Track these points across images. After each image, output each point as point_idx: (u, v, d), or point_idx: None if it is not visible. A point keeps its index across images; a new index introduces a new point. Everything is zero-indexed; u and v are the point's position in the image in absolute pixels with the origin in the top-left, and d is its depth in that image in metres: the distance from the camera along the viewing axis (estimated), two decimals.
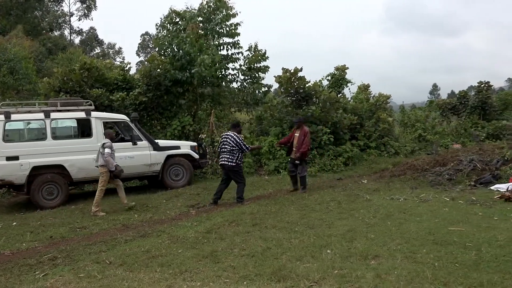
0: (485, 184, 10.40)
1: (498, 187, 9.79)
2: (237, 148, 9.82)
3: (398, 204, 8.83)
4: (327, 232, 6.78)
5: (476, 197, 8.97)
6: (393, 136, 20.49)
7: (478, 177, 10.93)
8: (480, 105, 24.69)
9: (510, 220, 7.01)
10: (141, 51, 75.32)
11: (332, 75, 22.59)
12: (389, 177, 12.63)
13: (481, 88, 25.60)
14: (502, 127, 20.68)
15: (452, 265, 5.01)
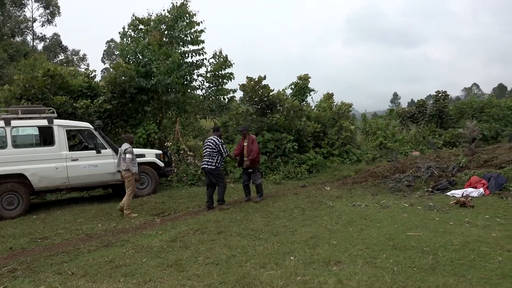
0: (441, 190, 10.68)
1: (453, 193, 10.08)
2: (216, 151, 10.01)
3: (359, 210, 8.98)
4: (291, 239, 6.84)
5: (433, 203, 9.21)
6: (355, 143, 20.86)
7: (435, 183, 11.23)
8: (438, 114, 25.40)
9: (464, 225, 7.24)
10: (106, 58, 74.20)
11: (295, 84, 22.83)
12: (351, 184, 12.83)
13: (438, 97, 26.35)
14: (458, 135, 21.30)
15: (410, 269, 5.14)
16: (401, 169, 13.01)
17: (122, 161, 9.82)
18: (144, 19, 17.66)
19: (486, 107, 26.05)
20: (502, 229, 6.85)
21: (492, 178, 10.30)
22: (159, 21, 17.42)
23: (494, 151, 13.13)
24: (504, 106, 26.07)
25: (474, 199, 9.36)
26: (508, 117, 25.29)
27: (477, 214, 8.01)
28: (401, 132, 25.34)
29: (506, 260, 5.22)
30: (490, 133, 23.31)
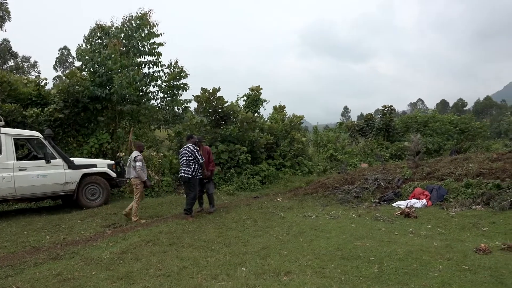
0: (387, 201, 11.01)
1: (399, 204, 10.41)
2: (192, 158, 10.00)
3: (310, 221, 9.11)
4: (243, 249, 6.85)
5: (380, 214, 9.47)
6: (306, 155, 21.17)
7: (382, 194, 11.56)
8: (385, 127, 26.22)
9: (408, 235, 7.48)
10: (59, 66, 72.23)
11: (248, 96, 22.99)
12: (303, 195, 13.00)
13: (385, 112, 27.22)
14: (403, 148, 22.04)
15: (357, 278, 5.25)
16: (350, 181, 13.31)
17: (132, 169, 9.92)
18: (105, 27, 17.31)
19: (430, 121, 27.11)
20: (442, 239, 7.13)
21: (434, 190, 10.71)
22: (120, 30, 17.12)
23: (436, 164, 13.65)
24: (446, 121, 27.20)
25: (418, 210, 9.71)
26: (449, 131, 26.39)
27: (420, 224, 8.31)
28: (351, 145, 25.93)
29: (445, 268, 5.43)
30: (433, 147, 24.24)
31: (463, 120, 28.05)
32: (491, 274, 5.14)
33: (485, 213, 8.80)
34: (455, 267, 5.45)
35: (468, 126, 27.19)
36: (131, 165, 9.96)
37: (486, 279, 4.99)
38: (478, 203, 9.54)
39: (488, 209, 9.10)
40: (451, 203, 9.99)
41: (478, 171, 11.30)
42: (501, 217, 8.37)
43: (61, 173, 11.27)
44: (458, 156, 14.95)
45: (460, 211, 9.26)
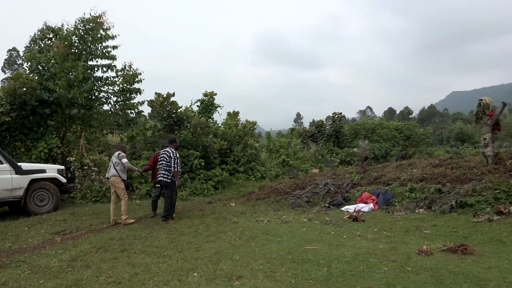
0: (337, 206, 11.22)
1: (347, 208, 10.64)
2: (170, 164, 9.88)
3: (262, 225, 9.15)
4: (195, 255, 6.79)
5: (329, 218, 9.63)
6: (259, 161, 21.29)
7: (332, 199, 11.77)
8: (335, 134, 26.78)
9: (356, 238, 7.66)
10: (7, 67, 69.36)
11: (202, 101, 22.90)
12: (255, 200, 13.05)
13: (335, 119, 27.80)
14: (352, 154, 22.58)
15: (306, 281, 5.31)
16: (301, 186, 13.48)
17: (112, 168, 9.96)
18: (55, 28, 16.76)
19: (377, 128, 27.90)
20: (388, 241, 7.34)
21: (381, 194, 11.02)
22: (72, 32, 16.63)
23: (383, 169, 14.05)
24: (392, 128, 28.07)
25: (365, 213, 9.96)
26: (395, 138, 27.25)
27: (367, 228, 8.52)
28: (302, 151, 26.29)
29: (390, 270, 5.58)
30: (380, 152, 24.95)
31: (408, 127, 29.04)
32: (432, 275, 5.33)
33: (428, 216, 9.13)
34: (399, 269, 5.62)
35: (413, 133, 28.17)
36: (112, 164, 9.98)
37: (427, 280, 5.17)
38: (421, 207, 9.88)
39: (430, 213, 9.45)
40: (396, 207, 10.30)
41: (422, 176, 11.71)
42: (442, 220, 8.71)
43: (8, 179, 10.82)
44: (403, 162, 15.43)
45: (405, 214, 9.56)
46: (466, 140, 38.25)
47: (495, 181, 9.85)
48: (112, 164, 10.00)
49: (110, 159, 16.09)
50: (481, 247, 6.83)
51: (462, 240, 7.18)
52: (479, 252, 6.46)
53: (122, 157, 9.98)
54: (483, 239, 7.25)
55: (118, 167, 9.91)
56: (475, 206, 9.18)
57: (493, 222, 8.08)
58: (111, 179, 10.00)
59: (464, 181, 10.61)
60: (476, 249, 6.58)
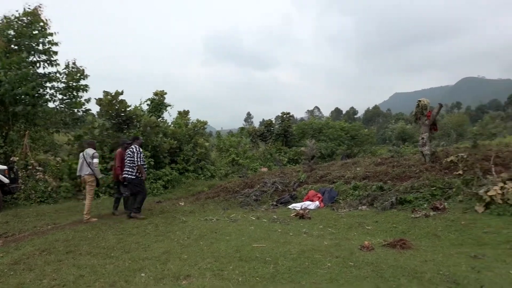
0: (284, 204, 11.38)
1: (294, 206, 10.81)
2: (134, 159, 9.93)
3: (211, 224, 9.13)
4: (143, 255, 6.68)
5: (277, 216, 9.76)
6: (209, 160, 21.22)
7: (279, 197, 11.93)
8: (283, 133, 27.06)
9: (302, 235, 7.80)
10: None
11: (152, 100, 22.53)
12: (205, 199, 13.01)
13: (284, 118, 28.09)
14: (300, 153, 22.91)
15: (253, 279, 5.36)
16: (250, 185, 13.57)
17: (85, 166, 9.93)
18: None
19: (324, 128, 28.43)
20: (332, 238, 7.53)
21: (326, 192, 11.27)
22: (7, 26, 15.85)
23: (328, 167, 14.38)
24: (338, 128, 28.69)
25: (311, 211, 10.16)
26: (341, 137, 27.88)
27: (313, 225, 8.70)
28: (252, 150, 26.41)
29: (334, 265, 5.73)
30: (326, 152, 25.44)
31: (353, 127, 29.81)
32: (373, 269, 5.51)
33: (370, 213, 9.44)
34: (342, 264, 5.77)
35: (357, 133, 28.94)
36: (85, 162, 9.91)
37: (368, 274, 5.35)
38: (364, 204, 10.20)
39: (372, 209, 9.78)
40: (340, 204, 10.59)
41: (365, 174, 12.08)
42: (383, 216, 9.03)
43: None
44: (348, 161, 15.86)
45: (348, 211, 9.84)
46: (407, 140, 39.70)
47: (431, 179, 10.31)
48: (85, 161, 9.96)
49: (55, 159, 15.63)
50: (418, 241, 7.16)
51: (401, 235, 7.49)
52: (416, 246, 6.76)
53: (95, 157, 10.02)
54: (420, 234, 7.60)
55: (92, 166, 9.98)
56: (413, 203, 9.58)
57: (429, 217, 8.46)
58: (84, 177, 10.00)
59: (404, 179, 11.04)
60: (413, 243, 6.88)
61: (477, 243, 6.82)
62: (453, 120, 68.02)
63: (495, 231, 7.26)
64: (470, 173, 10.14)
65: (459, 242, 6.98)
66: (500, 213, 8.12)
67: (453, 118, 71.78)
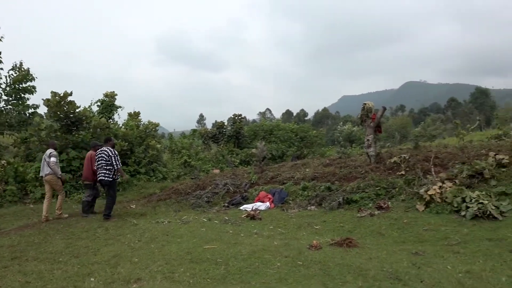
0: (236, 205, 11.40)
1: (245, 207, 10.86)
2: (110, 162, 9.95)
3: (162, 227, 9.03)
4: (92, 259, 6.52)
5: (228, 217, 9.78)
6: (161, 162, 20.92)
7: (231, 198, 11.94)
8: (235, 135, 27.06)
9: (253, 236, 7.86)
10: None
11: (102, 101, 21.95)
12: (156, 201, 12.83)
13: (236, 120, 28.11)
14: (251, 154, 22.99)
15: (204, 280, 5.35)
16: (202, 186, 13.50)
17: (46, 166, 10.11)
18: None
19: (275, 130, 28.66)
20: (282, 238, 7.63)
21: (276, 193, 11.39)
22: None
23: (279, 169, 14.53)
24: (288, 130, 29.00)
25: (262, 212, 10.24)
26: (291, 139, 28.19)
27: (264, 226, 8.78)
28: (204, 151, 26.27)
29: (283, 265, 5.81)
30: (277, 153, 25.67)
31: (303, 129, 30.22)
32: (320, 268, 5.63)
33: (318, 213, 9.64)
34: (291, 263, 5.87)
35: (307, 135, 29.36)
36: (45, 162, 10.05)
37: (316, 272, 5.46)
38: (313, 204, 10.39)
39: (320, 209, 9.98)
40: (290, 205, 10.73)
41: (313, 175, 12.30)
42: (331, 216, 9.25)
43: None
44: (298, 162, 16.07)
45: (298, 211, 10.00)
46: (354, 141, 40.67)
47: (376, 179, 10.64)
48: (46, 162, 10.07)
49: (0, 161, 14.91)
50: (363, 239, 7.37)
51: (347, 234, 7.69)
52: (362, 244, 6.96)
53: (52, 156, 10.09)
54: (365, 232, 7.83)
55: (50, 165, 10.06)
56: (359, 202, 9.86)
57: (374, 216, 8.74)
58: (47, 177, 10.08)
59: (351, 179, 11.33)
60: (359, 242, 7.08)
61: (418, 240, 7.11)
62: (397, 123, 70.61)
63: (434, 228, 7.60)
64: (412, 173, 10.53)
65: (402, 240, 7.24)
66: (438, 211, 8.49)
67: (397, 120, 74.49)
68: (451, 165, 10.58)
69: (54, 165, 10.08)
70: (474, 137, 22.85)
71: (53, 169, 10.08)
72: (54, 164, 10.10)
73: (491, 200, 8.14)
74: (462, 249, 6.30)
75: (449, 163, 10.83)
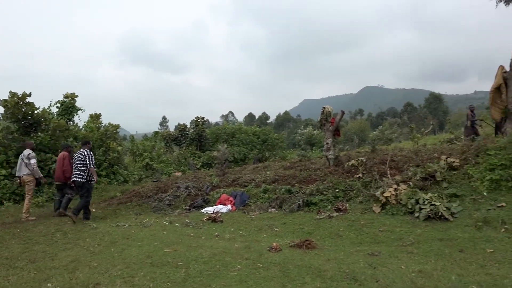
0: (197, 208, 11.33)
1: (207, 210, 10.81)
2: (85, 163, 10.04)
3: (122, 230, 8.87)
4: (50, 264, 6.33)
5: (189, 220, 9.70)
6: (122, 164, 20.53)
7: (192, 201, 11.85)
8: (197, 138, 26.92)
9: (214, 239, 7.83)
10: None
11: (62, 103, 21.31)
12: (117, 205, 12.59)
13: (198, 122, 27.98)
14: (213, 157, 22.93)
15: (165, 284, 5.29)
16: (163, 189, 13.34)
17: (23, 167, 10.16)
18: None
19: (237, 132, 28.72)
20: (243, 240, 7.64)
21: (238, 196, 11.40)
22: None
23: (240, 171, 14.55)
24: (250, 132, 29.13)
25: (223, 214, 10.23)
26: (253, 142, 28.33)
27: (225, 228, 8.76)
28: (166, 154, 25.99)
29: (244, 267, 5.82)
30: (239, 156, 25.73)
31: (264, 132, 30.42)
32: (280, 270, 5.67)
33: (279, 215, 9.71)
34: (252, 266, 5.88)
35: (268, 138, 29.56)
36: (23, 163, 10.05)
37: (275, 274, 5.50)
38: (273, 207, 10.46)
39: (281, 212, 10.05)
40: (251, 207, 10.76)
41: (274, 178, 12.39)
42: (290, 218, 9.33)
43: None
44: (260, 165, 16.15)
45: (259, 214, 10.04)
46: (315, 144, 41.26)
47: (335, 181, 10.82)
48: (23, 162, 10.11)
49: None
50: (322, 241, 7.48)
51: (307, 236, 7.78)
52: (320, 246, 7.06)
53: (31, 157, 10.17)
54: (324, 234, 7.95)
55: (30, 167, 10.14)
56: (318, 205, 10.00)
57: (333, 218, 8.88)
58: (23, 177, 10.11)
59: (310, 182, 11.48)
60: (318, 243, 7.18)
61: (374, 241, 7.27)
62: (355, 126, 72.00)
63: (389, 229, 7.80)
64: (369, 176, 10.77)
65: (359, 241, 7.39)
66: (394, 212, 8.72)
67: (356, 124, 75.97)
68: (406, 168, 10.88)
69: (35, 167, 10.22)
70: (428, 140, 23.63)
71: (33, 171, 10.21)
72: (35, 166, 10.23)
73: (442, 201, 8.43)
74: (415, 249, 6.50)
75: (404, 166, 11.14)
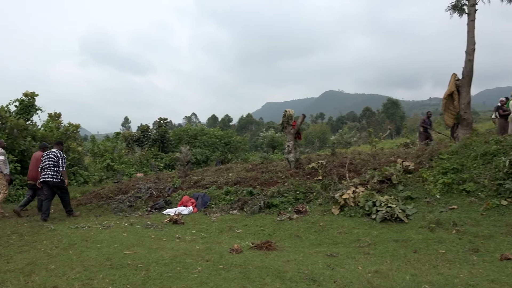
0: (159, 209, 11.20)
1: (168, 211, 10.70)
2: (58, 164, 9.92)
3: (82, 232, 8.65)
4: (5, 267, 6.09)
5: (151, 221, 9.57)
6: (82, 165, 20.04)
7: (154, 203, 11.71)
8: (160, 139, 26.61)
9: (175, 240, 7.75)
10: None
11: (21, 101, 20.55)
12: (76, 206, 12.26)
13: (161, 124, 27.66)
14: (175, 159, 22.72)
15: (124, 286, 5.19)
16: (124, 190, 13.11)
17: None
18: None
19: (199, 134, 28.56)
20: (204, 242, 7.61)
21: (200, 197, 11.35)
22: None
23: (203, 173, 14.49)
24: (212, 134, 29.03)
25: (185, 216, 10.16)
26: (216, 144, 28.25)
27: (186, 230, 8.70)
28: (128, 155, 25.54)
29: (204, 269, 5.80)
30: (202, 158, 25.59)
31: (227, 134, 30.40)
32: (240, 271, 5.69)
33: (240, 217, 9.72)
34: (212, 267, 5.87)
35: (231, 140, 29.56)
36: None
37: (236, 276, 5.51)
38: (235, 208, 10.47)
39: (242, 213, 10.08)
40: (213, 209, 10.73)
41: (236, 179, 12.41)
42: (252, 219, 9.37)
43: None
44: (222, 167, 16.14)
45: (220, 215, 10.02)
46: (276, 147, 41.53)
47: (295, 184, 10.95)
48: None
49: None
50: (282, 242, 7.55)
51: (267, 238, 7.84)
52: (281, 247, 7.13)
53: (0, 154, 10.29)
54: (284, 236, 8.03)
55: None
56: (279, 206, 10.09)
57: (293, 220, 8.98)
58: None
59: (271, 184, 11.57)
60: (278, 245, 7.25)
61: (333, 243, 7.41)
62: (316, 130, 73.08)
63: (347, 231, 7.97)
64: (328, 179, 10.96)
65: (318, 242, 7.51)
66: (352, 214, 8.91)
67: (317, 127, 77.11)
68: (364, 171, 11.14)
69: (2, 163, 10.26)
70: (385, 144, 24.25)
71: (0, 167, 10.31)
72: (2, 163, 10.28)
73: (398, 204, 8.68)
74: (372, 250, 6.67)
75: (362, 169, 11.40)
